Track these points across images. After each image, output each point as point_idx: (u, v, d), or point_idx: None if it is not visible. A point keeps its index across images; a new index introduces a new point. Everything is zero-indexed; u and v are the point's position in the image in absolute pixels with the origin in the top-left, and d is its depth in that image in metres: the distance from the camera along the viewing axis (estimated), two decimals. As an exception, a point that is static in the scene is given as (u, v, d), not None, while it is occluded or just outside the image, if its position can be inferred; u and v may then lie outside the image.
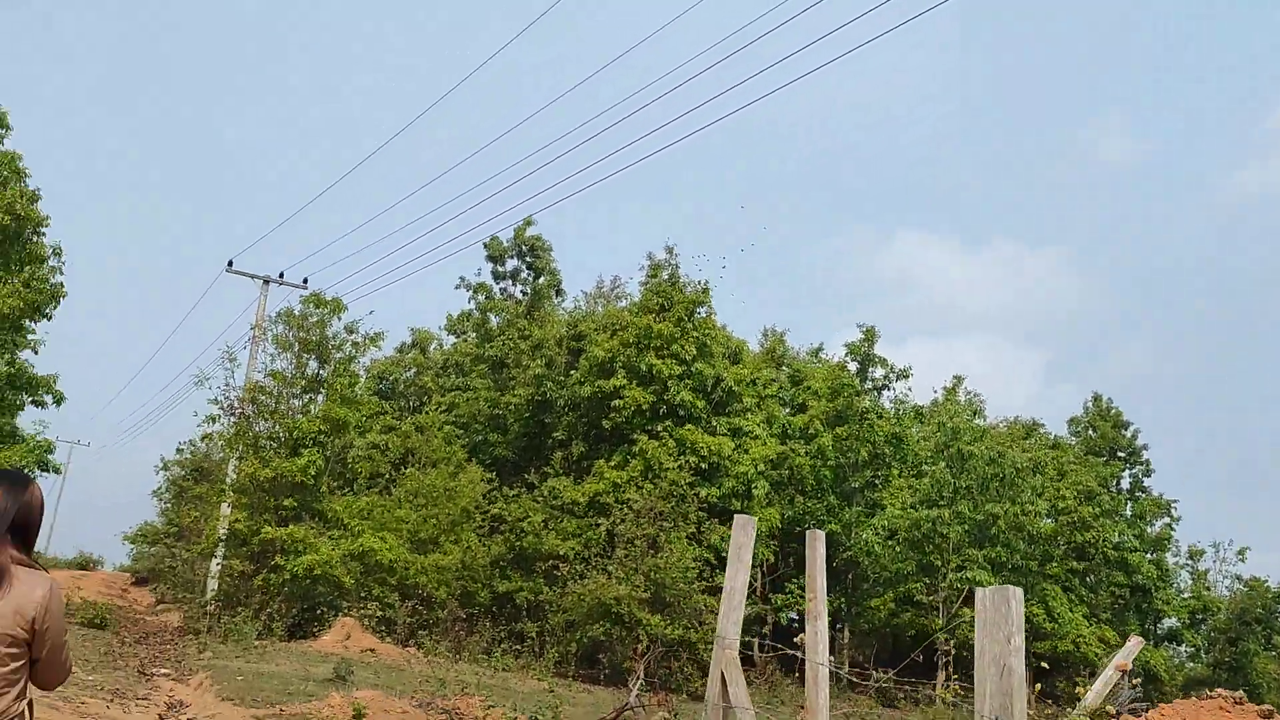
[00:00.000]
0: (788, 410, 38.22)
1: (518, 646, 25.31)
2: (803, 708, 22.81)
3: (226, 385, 25.23)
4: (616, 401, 29.81)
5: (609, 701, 19.94)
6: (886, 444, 37.58)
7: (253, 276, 35.02)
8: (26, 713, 3.23)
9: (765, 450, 31.20)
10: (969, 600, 35.03)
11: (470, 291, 38.27)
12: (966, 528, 35.28)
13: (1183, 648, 53.37)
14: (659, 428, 29.46)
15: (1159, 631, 52.92)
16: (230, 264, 34.82)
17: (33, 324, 23.83)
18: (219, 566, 28.40)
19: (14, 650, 3.11)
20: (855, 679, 29.82)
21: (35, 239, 23.12)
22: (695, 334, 30.81)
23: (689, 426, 29.51)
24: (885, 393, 39.82)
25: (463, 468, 28.24)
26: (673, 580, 24.36)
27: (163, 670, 17.12)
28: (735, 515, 7.18)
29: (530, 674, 22.89)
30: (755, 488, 30.30)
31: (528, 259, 38.16)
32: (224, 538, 25.22)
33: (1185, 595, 53.01)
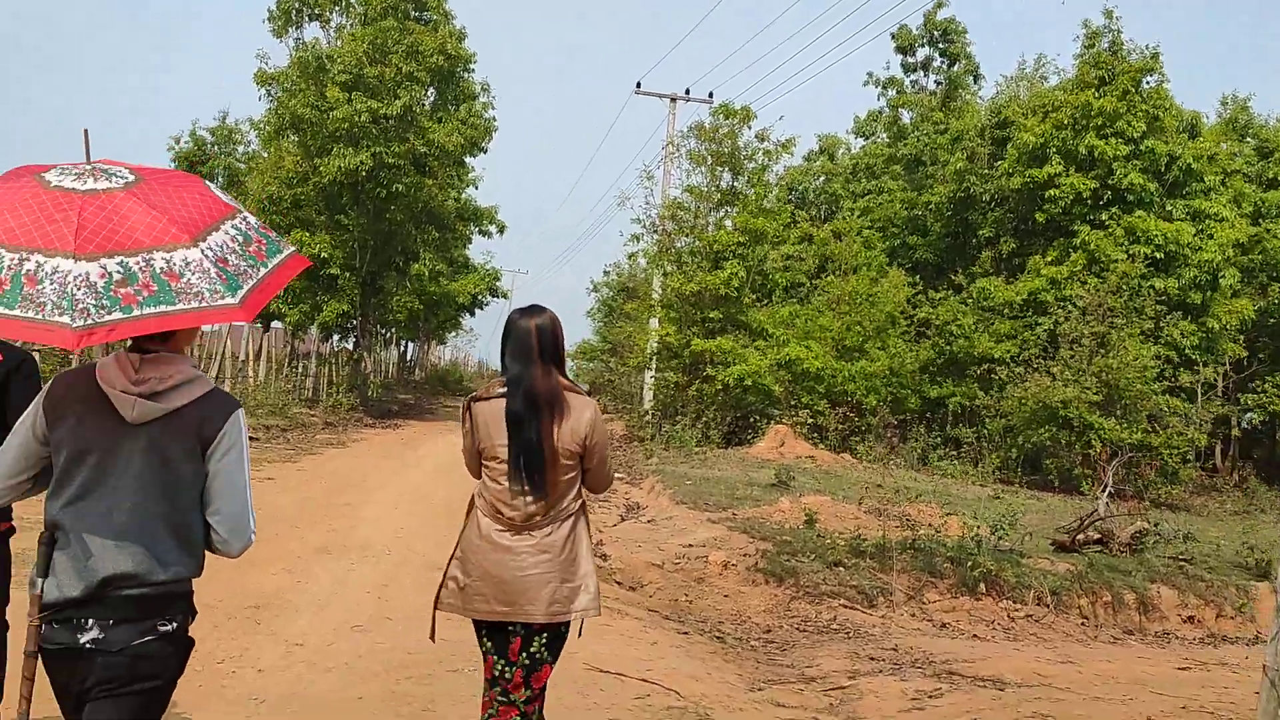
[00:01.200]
0: (1254, 187, 32.88)
1: (953, 453, 24.39)
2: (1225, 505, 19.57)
3: (647, 203, 25.74)
4: (1051, 191, 26.96)
5: (1061, 509, 18.60)
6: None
7: (660, 96, 35.34)
8: (582, 511, 3.80)
9: (1233, 234, 27.01)
10: None
11: (879, 88, 36.14)
12: None
13: None
14: (1103, 216, 26.38)
15: None
16: (639, 85, 35.31)
17: (471, 159, 25.49)
18: (652, 379, 29.89)
19: (570, 463, 3.66)
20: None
21: (466, 76, 24.46)
22: (1144, 107, 26.88)
23: (1139, 213, 26.11)
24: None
25: (884, 272, 27.13)
26: (1128, 381, 22.06)
27: (617, 474, 18.19)
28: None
29: (970, 480, 22.00)
30: (1222, 277, 26.47)
31: (940, 45, 35.16)
32: (656, 351, 26.27)
33: None
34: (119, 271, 2.28)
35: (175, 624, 2.57)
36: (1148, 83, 27.68)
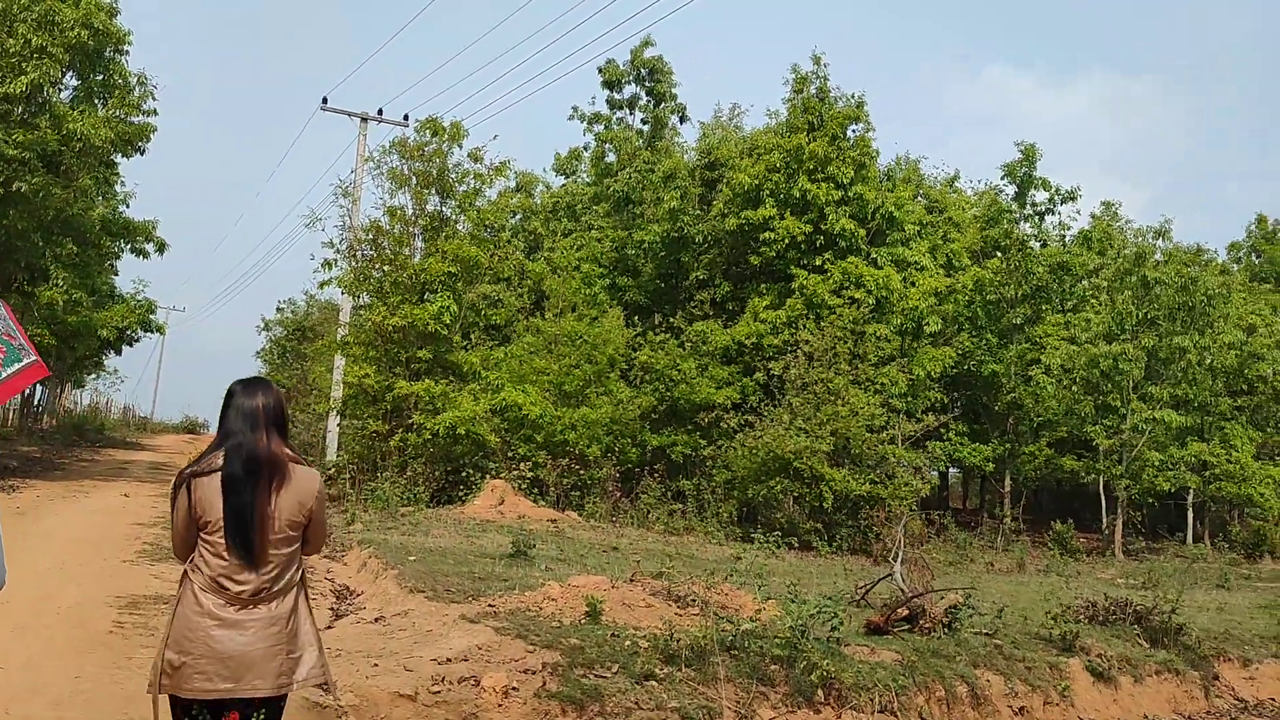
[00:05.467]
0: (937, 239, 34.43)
1: (678, 507, 22.76)
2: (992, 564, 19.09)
3: (343, 225, 22.41)
4: (766, 234, 26.39)
5: (805, 568, 17.32)
6: (1050, 276, 33.67)
7: (349, 114, 31.95)
8: (303, 581, 3.87)
9: (934, 282, 27.65)
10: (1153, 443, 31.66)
11: (584, 123, 34.66)
12: (1146, 363, 31.64)
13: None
14: (818, 261, 26.05)
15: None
16: (325, 101, 31.75)
17: (122, 158, 20.98)
18: (340, 427, 26.29)
19: (294, 534, 3.71)
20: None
21: (118, 60, 20.11)
22: (852, 154, 26.99)
23: (852, 259, 26.03)
24: (1048, 218, 35.50)
25: (605, 311, 25.27)
26: (857, 430, 21.40)
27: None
28: None
29: (703, 536, 20.37)
30: (926, 324, 26.92)
31: (647, 84, 34.25)
32: (350, 395, 22.84)
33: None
34: None
35: None
36: (853, 130, 27.92)
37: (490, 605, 9.56)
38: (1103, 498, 32.91)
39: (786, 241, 26.16)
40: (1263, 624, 14.83)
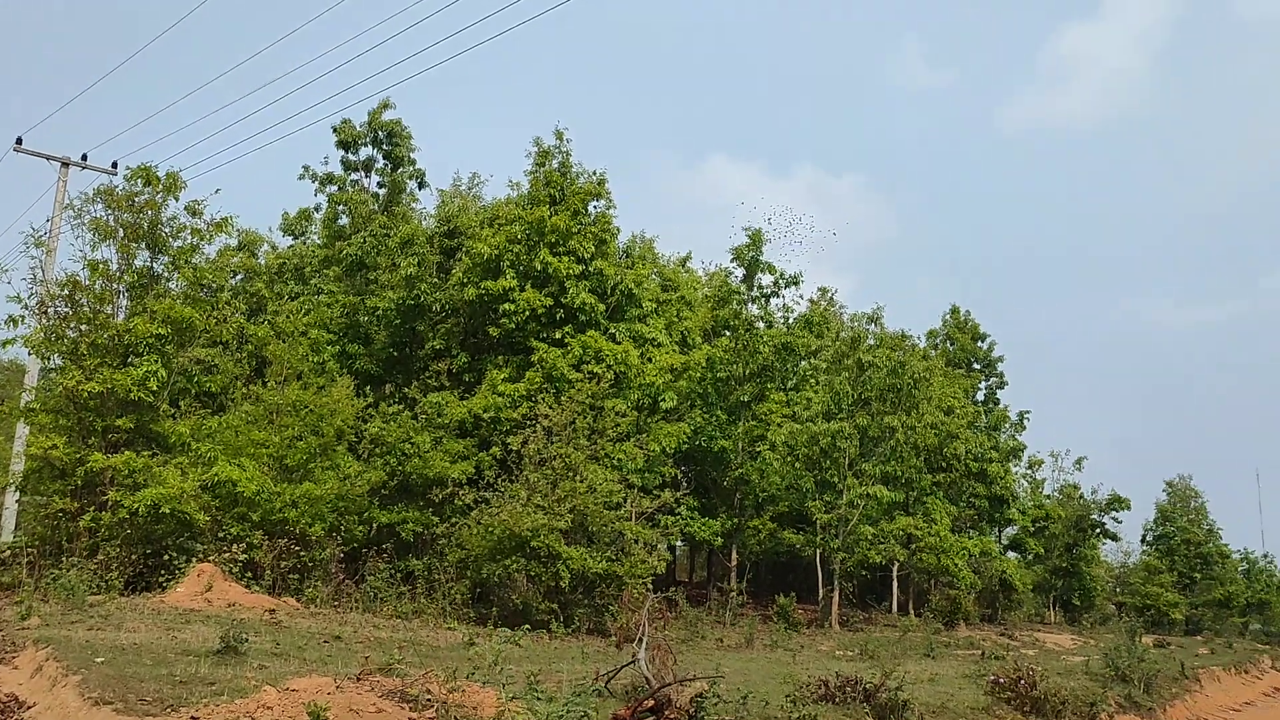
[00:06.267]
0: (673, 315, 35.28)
1: (407, 589, 21.54)
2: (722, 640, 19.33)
3: (33, 278, 19.99)
4: (506, 305, 25.97)
5: (543, 653, 16.69)
6: (775, 355, 35.19)
7: (48, 158, 29.08)
8: None
9: (670, 359, 28.09)
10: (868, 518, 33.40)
11: (317, 183, 33.13)
12: (860, 441, 33.51)
13: (1025, 554, 54.33)
14: (558, 334, 25.86)
15: (1003, 539, 53.87)
16: (20, 141, 28.73)
17: None
18: (17, 505, 23.36)
19: None
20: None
21: None
22: (593, 229, 27.18)
23: (591, 333, 26.02)
24: (773, 300, 37.17)
25: (334, 380, 23.83)
26: (595, 507, 21.10)
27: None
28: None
29: (441, 623, 19.30)
30: (663, 400, 27.23)
31: (385, 147, 33.26)
32: (33, 469, 20.20)
33: (1028, 503, 53.99)
34: None
35: None
36: (595, 206, 28.18)
37: (194, 719, 8.32)
38: (819, 570, 34.35)
39: (527, 313, 25.84)
40: (970, 695, 15.62)
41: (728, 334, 35.67)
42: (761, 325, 36.16)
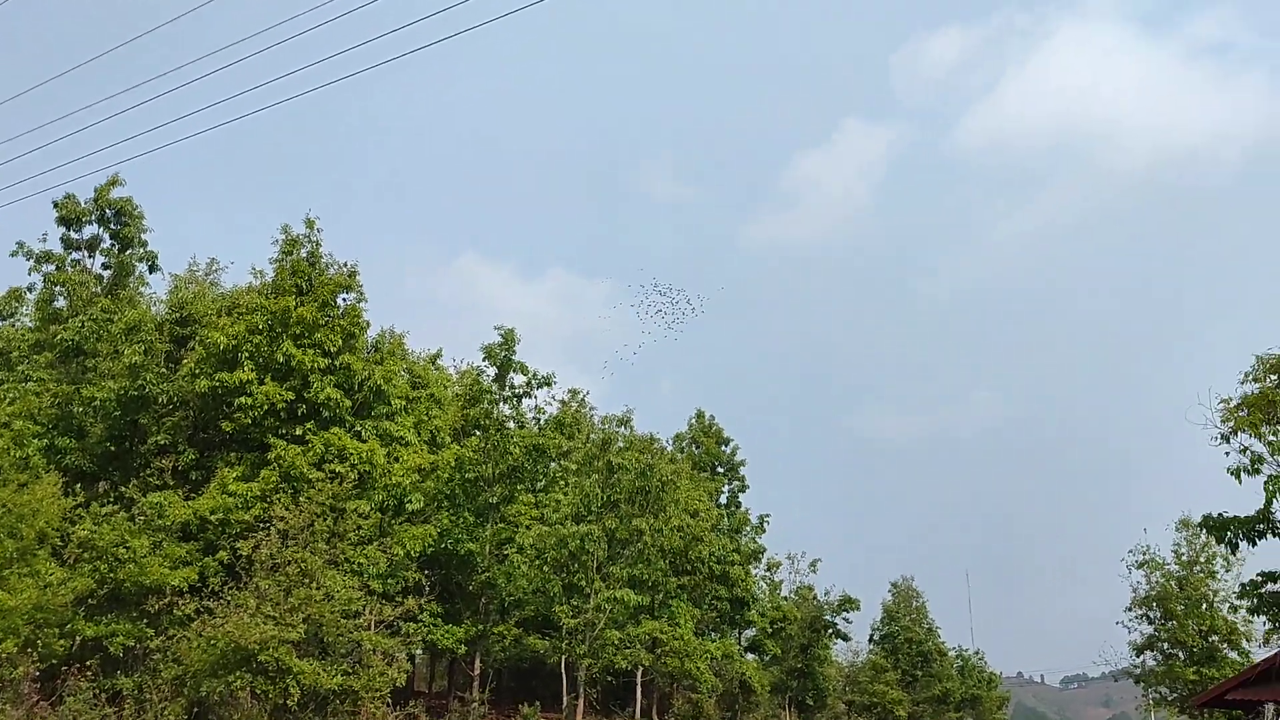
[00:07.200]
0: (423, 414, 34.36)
1: (112, 711, 19.37)
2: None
3: None
4: (243, 398, 24.46)
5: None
6: (526, 456, 34.89)
7: None
8: None
9: (418, 459, 27.20)
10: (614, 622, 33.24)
11: (32, 261, 30.38)
12: (608, 544, 33.53)
13: (763, 656, 55.78)
14: (299, 431, 24.53)
15: (743, 641, 55.12)
16: None
17: None
18: None
19: None
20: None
21: None
22: (342, 323, 26.23)
23: (335, 430, 24.87)
24: (525, 400, 36.98)
25: (38, 477, 21.47)
26: (332, 615, 19.83)
27: None
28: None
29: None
30: (409, 501, 26.24)
31: (112, 226, 31.03)
32: None
33: (767, 605, 55.60)
34: None
35: None
36: (344, 299, 27.27)
37: None
38: (564, 676, 33.76)
39: (265, 408, 24.42)
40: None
41: (478, 433, 35.11)
42: (513, 425, 35.86)
